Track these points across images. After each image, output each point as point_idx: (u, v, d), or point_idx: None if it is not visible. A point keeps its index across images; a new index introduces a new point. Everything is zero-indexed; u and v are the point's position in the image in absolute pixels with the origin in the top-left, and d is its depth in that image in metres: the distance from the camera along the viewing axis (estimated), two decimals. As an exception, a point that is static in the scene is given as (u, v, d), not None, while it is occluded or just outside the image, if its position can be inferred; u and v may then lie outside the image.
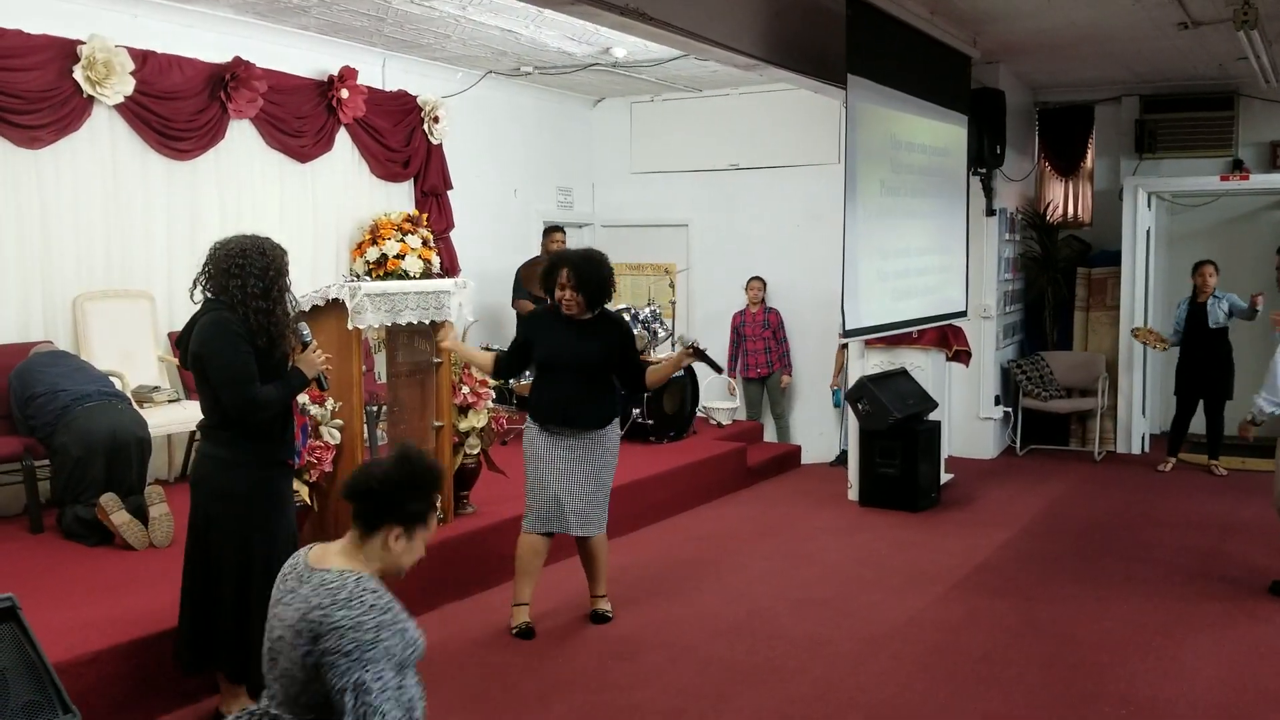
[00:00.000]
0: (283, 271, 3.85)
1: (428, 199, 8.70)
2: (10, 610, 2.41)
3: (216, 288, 3.80)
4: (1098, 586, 5.76)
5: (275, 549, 3.87)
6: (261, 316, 3.74)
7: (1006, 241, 9.67)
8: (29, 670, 2.38)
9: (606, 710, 4.16)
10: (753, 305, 9.58)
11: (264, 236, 3.89)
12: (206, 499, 3.84)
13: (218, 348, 3.70)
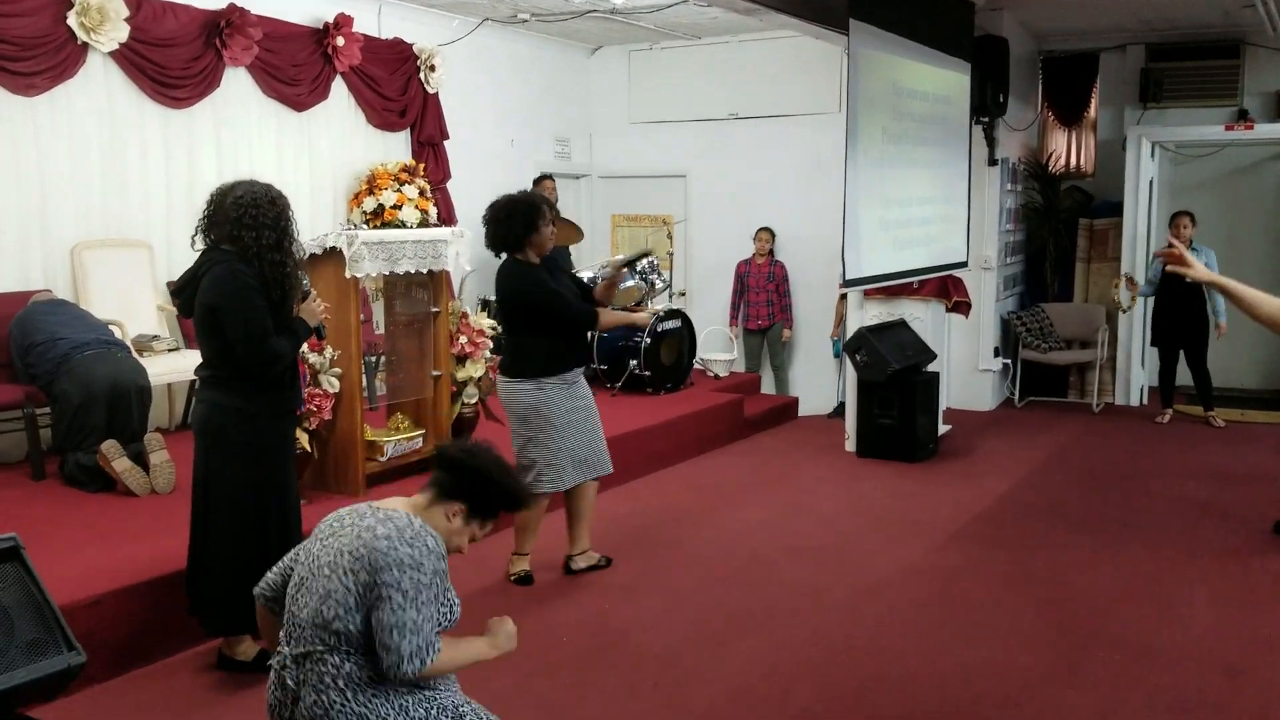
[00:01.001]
0: (291, 221, 3.79)
1: (424, 149, 8.64)
2: (14, 550, 2.42)
3: (223, 236, 3.72)
4: (1094, 536, 5.80)
5: (289, 499, 3.92)
6: (277, 269, 3.70)
7: (1008, 192, 9.62)
8: (33, 609, 2.40)
9: (605, 654, 4.20)
10: (759, 256, 9.55)
11: (266, 183, 3.81)
12: (214, 449, 3.81)
13: (235, 301, 3.64)
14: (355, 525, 2.81)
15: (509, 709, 3.38)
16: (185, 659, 4.13)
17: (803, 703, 3.79)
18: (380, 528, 2.75)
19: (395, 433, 5.68)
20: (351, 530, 2.80)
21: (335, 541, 2.82)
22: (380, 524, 2.77)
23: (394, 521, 2.77)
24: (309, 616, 2.79)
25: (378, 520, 2.78)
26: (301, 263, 3.94)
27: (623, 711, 3.71)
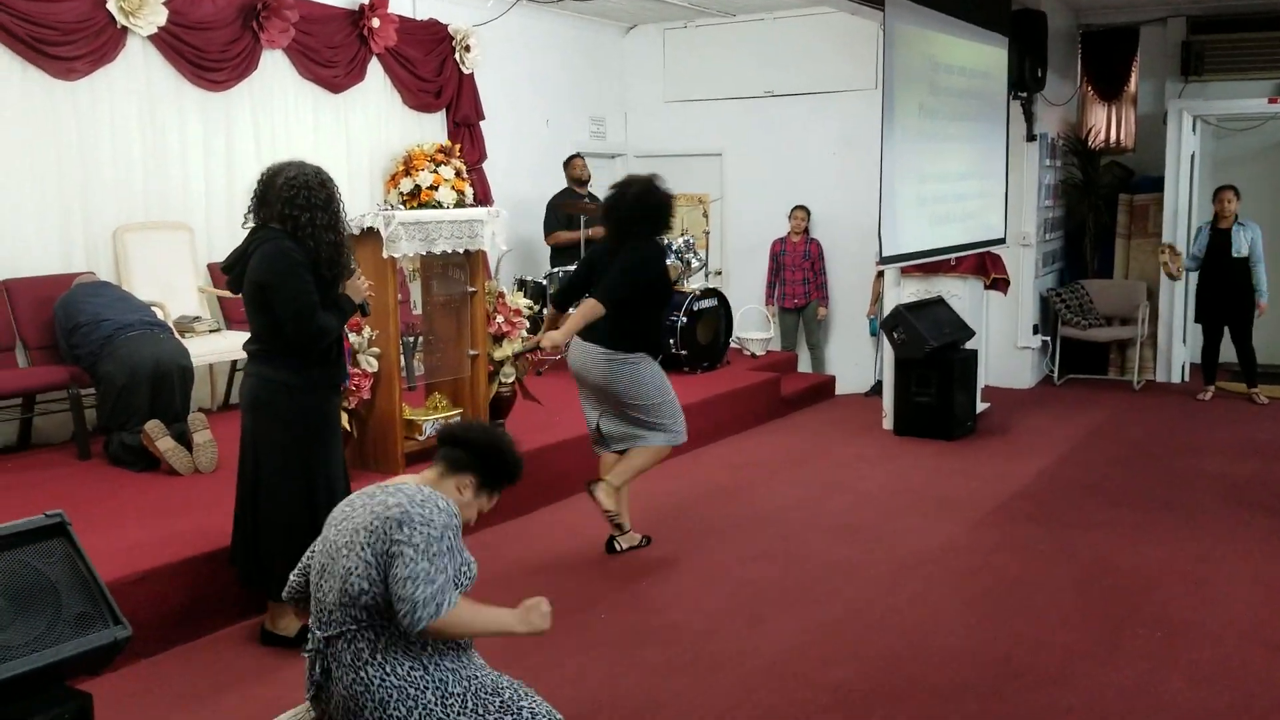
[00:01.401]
0: (340, 202, 3.89)
1: (460, 130, 8.66)
2: (60, 526, 2.47)
3: (272, 215, 3.79)
4: (1135, 513, 5.75)
5: (334, 469, 4.00)
6: (332, 249, 3.80)
7: (1047, 167, 9.52)
8: (80, 584, 2.45)
9: (642, 629, 4.23)
10: (794, 234, 9.51)
11: (316, 165, 3.89)
12: (262, 421, 3.91)
13: (284, 278, 3.72)
14: (366, 504, 2.88)
15: (546, 683, 3.42)
16: (228, 634, 4.20)
17: (839, 678, 3.79)
18: (390, 499, 2.83)
19: (433, 412, 5.72)
20: (364, 510, 2.87)
21: (349, 524, 2.88)
22: (390, 495, 2.85)
23: (403, 491, 2.86)
24: (335, 599, 2.84)
25: (387, 494, 2.87)
26: (349, 242, 4.01)
27: (660, 686, 3.73)
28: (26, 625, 2.33)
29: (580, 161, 8.99)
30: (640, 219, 5.01)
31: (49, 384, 5.58)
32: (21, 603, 2.35)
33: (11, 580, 2.35)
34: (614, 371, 4.92)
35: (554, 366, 8.20)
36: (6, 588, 2.34)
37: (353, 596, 2.80)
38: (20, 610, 2.34)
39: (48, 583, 2.40)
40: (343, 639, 2.84)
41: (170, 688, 3.75)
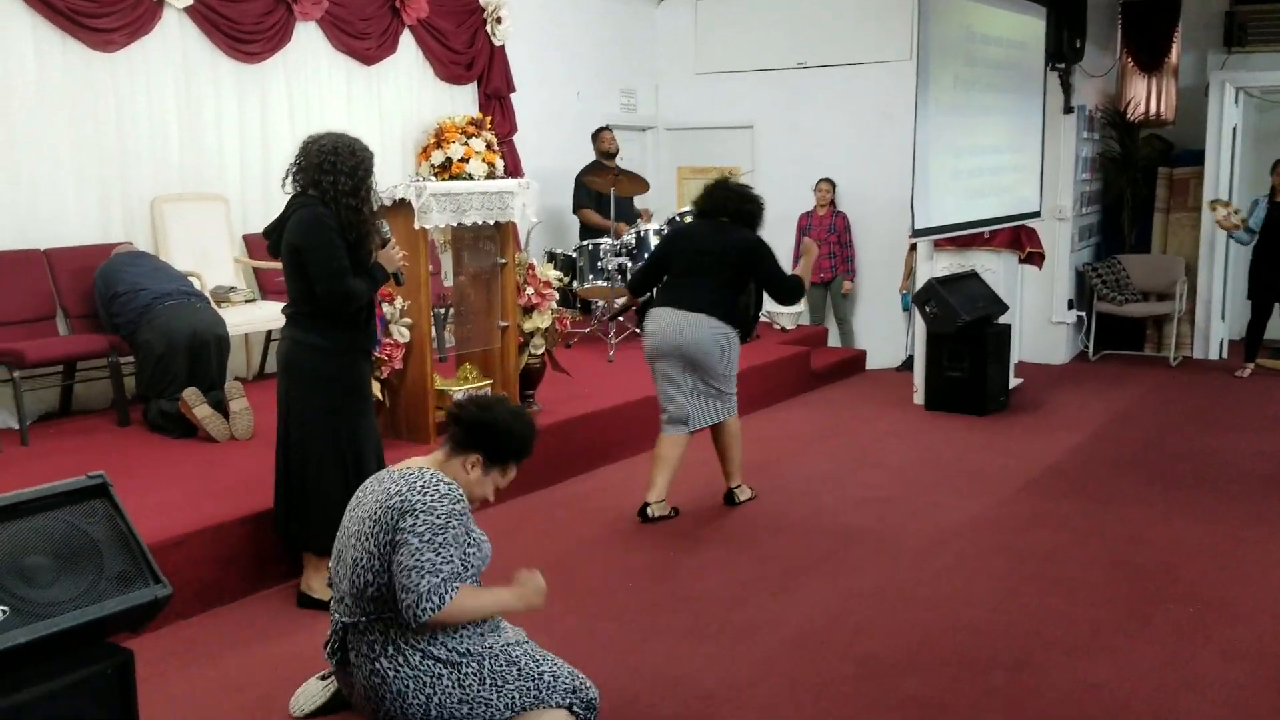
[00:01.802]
0: (370, 172, 3.99)
1: (491, 102, 8.67)
2: (102, 487, 2.52)
3: (308, 181, 3.93)
4: (1168, 490, 5.72)
5: (362, 434, 4.08)
6: (351, 213, 3.91)
7: (1085, 140, 9.41)
8: (121, 543, 2.49)
9: (670, 599, 4.26)
10: (820, 207, 9.46)
11: (354, 137, 4.02)
12: (296, 381, 4.03)
13: (316, 241, 3.85)
14: (375, 492, 2.92)
15: (574, 650, 3.46)
16: (264, 597, 4.28)
17: (866, 649, 3.81)
18: (393, 486, 2.86)
19: (464, 382, 5.76)
20: (370, 498, 2.91)
21: (360, 511, 2.93)
22: (393, 483, 2.88)
23: (405, 478, 2.87)
24: (347, 588, 2.90)
25: (391, 481, 2.90)
26: (380, 211, 4.12)
27: (686, 654, 3.76)
28: (70, 583, 2.38)
29: (608, 134, 8.98)
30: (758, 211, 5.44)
31: (89, 352, 5.67)
32: (65, 561, 2.40)
33: (55, 539, 2.40)
34: (720, 344, 5.17)
35: (582, 340, 8.23)
36: (51, 546, 2.39)
37: (361, 589, 2.85)
38: (64, 568, 2.39)
39: (90, 542, 2.45)
40: (357, 629, 2.90)
41: (207, 647, 3.82)
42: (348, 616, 2.92)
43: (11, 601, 2.27)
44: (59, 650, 2.36)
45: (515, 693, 2.93)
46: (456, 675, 2.89)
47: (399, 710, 2.86)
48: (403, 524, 2.79)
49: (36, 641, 2.28)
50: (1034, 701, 3.42)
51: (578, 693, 3.02)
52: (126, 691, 2.46)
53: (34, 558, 2.35)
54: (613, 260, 8.03)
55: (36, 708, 2.28)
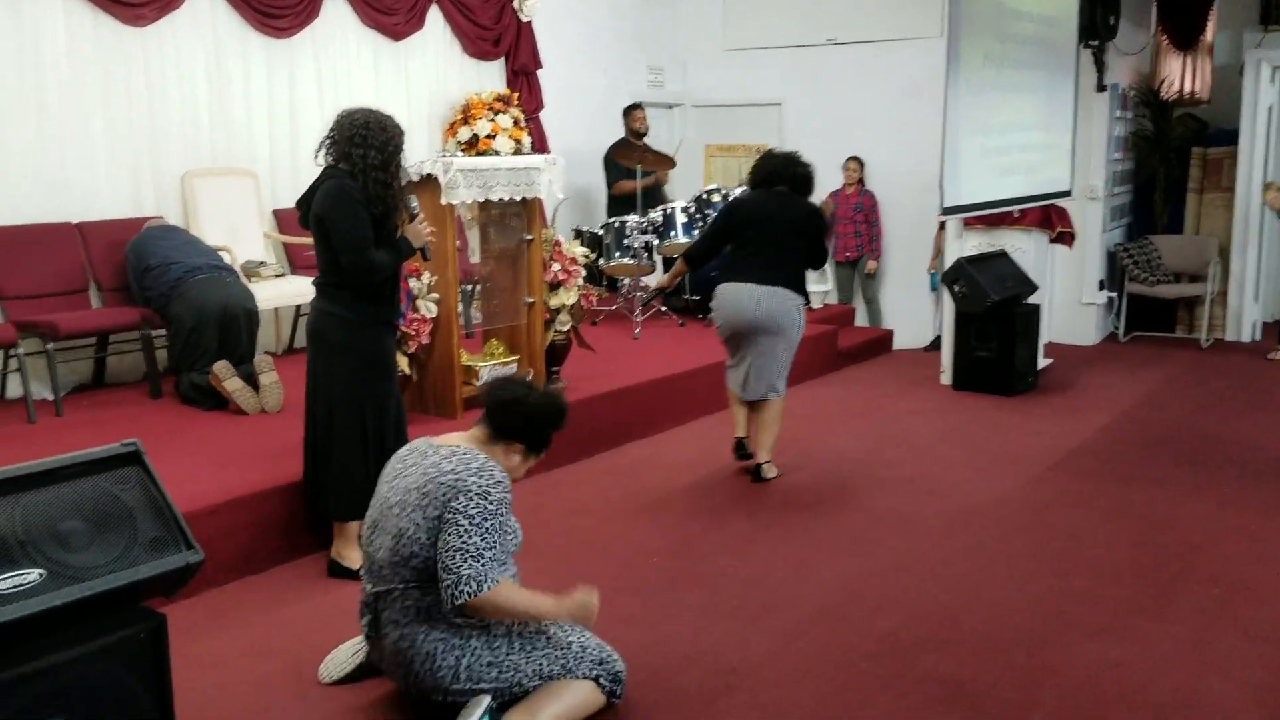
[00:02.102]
0: (399, 148, 4.05)
1: (518, 78, 8.68)
2: (136, 454, 2.57)
3: (339, 154, 4.00)
4: (1196, 471, 5.68)
5: (386, 405, 4.14)
6: (379, 187, 3.96)
7: (1117, 119, 9.31)
8: (154, 509, 2.54)
9: (692, 575, 4.28)
10: (847, 186, 9.40)
11: (386, 113, 4.08)
12: (322, 351, 4.11)
13: (340, 213, 3.92)
14: (419, 464, 2.93)
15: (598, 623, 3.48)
16: (294, 566, 4.34)
17: (887, 626, 3.82)
18: (445, 463, 2.89)
19: (490, 358, 5.80)
20: (416, 469, 2.92)
21: (402, 481, 2.95)
22: (445, 460, 2.90)
23: (459, 456, 2.91)
24: (385, 556, 2.93)
25: (441, 457, 2.91)
26: (408, 186, 4.16)
27: (707, 628, 3.79)
28: (105, 547, 2.43)
29: (640, 113, 8.97)
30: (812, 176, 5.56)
31: (121, 324, 5.75)
32: (99, 526, 2.45)
33: (90, 505, 2.45)
34: (795, 315, 5.37)
35: (609, 318, 8.25)
36: (85, 511, 2.44)
37: (404, 557, 2.88)
38: (98, 533, 2.44)
39: (124, 508, 2.50)
40: (390, 596, 2.94)
41: (239, 614, 3.89)
42: (382, 585, 2.97)
43: (47, 565, 2.32)
44: (93, 613, 2.40)
45: (543, 660, 2.98)
46: (486, 638, 2.94)
47: (428, 673, 2.91)
48: (455, 503, 2.83)
49: (71, 604, 2.33)
50: (1055, 680, 3.43)
51: (604, 664, 3.07)
52: (160, 655, 2.51)
53: (69, 523, 2.40)
54: (639, 238, 8.04)
55: (72, 669, 2.33)
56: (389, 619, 2.97)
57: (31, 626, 2.27)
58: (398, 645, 2.94)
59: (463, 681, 2.92)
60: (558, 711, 2.97)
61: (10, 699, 2.24)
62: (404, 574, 2.91)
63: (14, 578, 2.27)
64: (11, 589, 2.26)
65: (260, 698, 3.27)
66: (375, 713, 3.18)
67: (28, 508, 2.35)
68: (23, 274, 5.69)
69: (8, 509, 2.32)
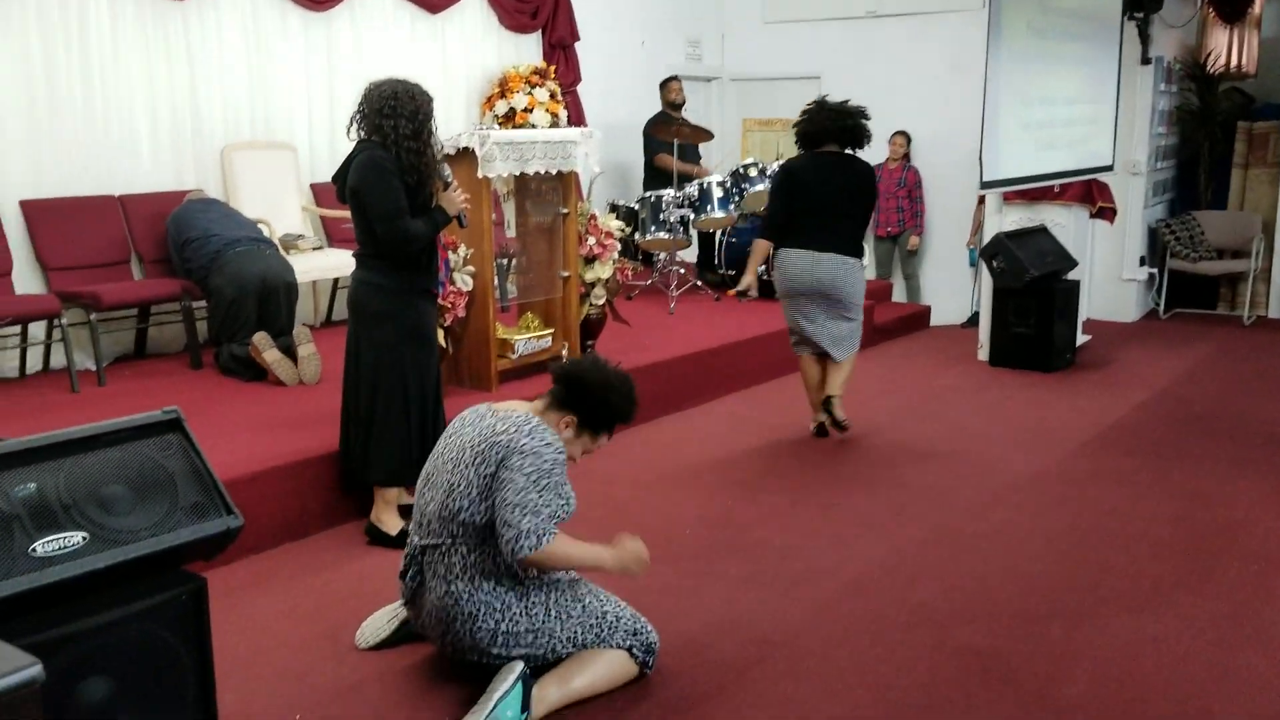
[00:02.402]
0: (430, 116, 4.06)
1: (555, 51, 8.66)
2: (176, 421, 2.60)
3: (370, 127, 4.02)
4: (1235, 447, 5.62)
5: (426, 374, 4.19)
6: (412, 156, 3.98)
7: (1161, 93, 9.16)
8: (195, 475, 2.57)
9: (727, 546, 4.29)
10: (892, 161, 9.32)
11: (414, 82, 4.09)
12: (362, 320, 4.15)
13: (373, 184, 3.95)
14: (476, 424, 2.99)
15: (631, 592, 3.51)
16: (332, 535, 4.39)
17: (922, 597, 3.82)
18: (500, 424, 2.94)
19: (525, 331, 5.82)
20: (472, 428, 2.97)
21: (458, 439, 3.00)
22: (500, 421, 2.95)
23: (513, 418, 2.95)
24: (435, 510, 2.97)
25: (498, 419, 2.97)
26: (440, 154, 4.17)
27: (742, 598, 3.80)
28: (146, 512, 2.46)
29: (677, 85, 8.93)
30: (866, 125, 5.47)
31: (162, 296, 5.82)
32: (141, 491, 2.48)
33: (132, 470, 2.48)
34: (857, 277, 5.49)
35: (644, 292, 8.25)
36: (128, 476, 2.47)
37: (453, 512, 2.92)
38: (140, 498, 2.47)
39: (165, 473, 2.53)
40: (437, 551, 2.98)
41: (279, 580, 3.95)
42: (430, 539, 3.01)
43: (90, 528, 2.35)
44: (136, 576, 2.44)
45: (578, 628, 3.01)
46: (525, 605, 2.97)
47: (467, 633, 2.95)
48: (509, 461, 2.87)
49: (114, 567, 2.36)
50: (1091, 654, 3.41)
51: (638, 635, 3.09)
52: (200, 617, 2.54)
53: (111, 487, 2.44)
54: (675, 212, 8.02)
55: (115, 629, 2.37)
56: (434, 574, 3.00)
57: (74, 588, 2.31)
58: (442, 602, 2.97)
59: (500, 645, 2.95)
60: (590, 680, 2.99)
61: (53, 659, 2.28)
62: (452, 529, 2.96)
63: (58, 540, 2.31)
64: (55, 551, 2.30)
65: (297, 661, 3.33)
66: (411, 677, 3.22)
67: (71, 472, 2.39)
68: (66, 246, 5.77)
69: (51, 473, 2.36)
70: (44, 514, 2.31)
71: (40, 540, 2.28)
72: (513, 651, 2.96)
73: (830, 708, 3.07)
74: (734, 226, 8.46)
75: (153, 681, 2.43)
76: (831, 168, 5.41)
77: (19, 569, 2.22)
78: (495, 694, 2.80)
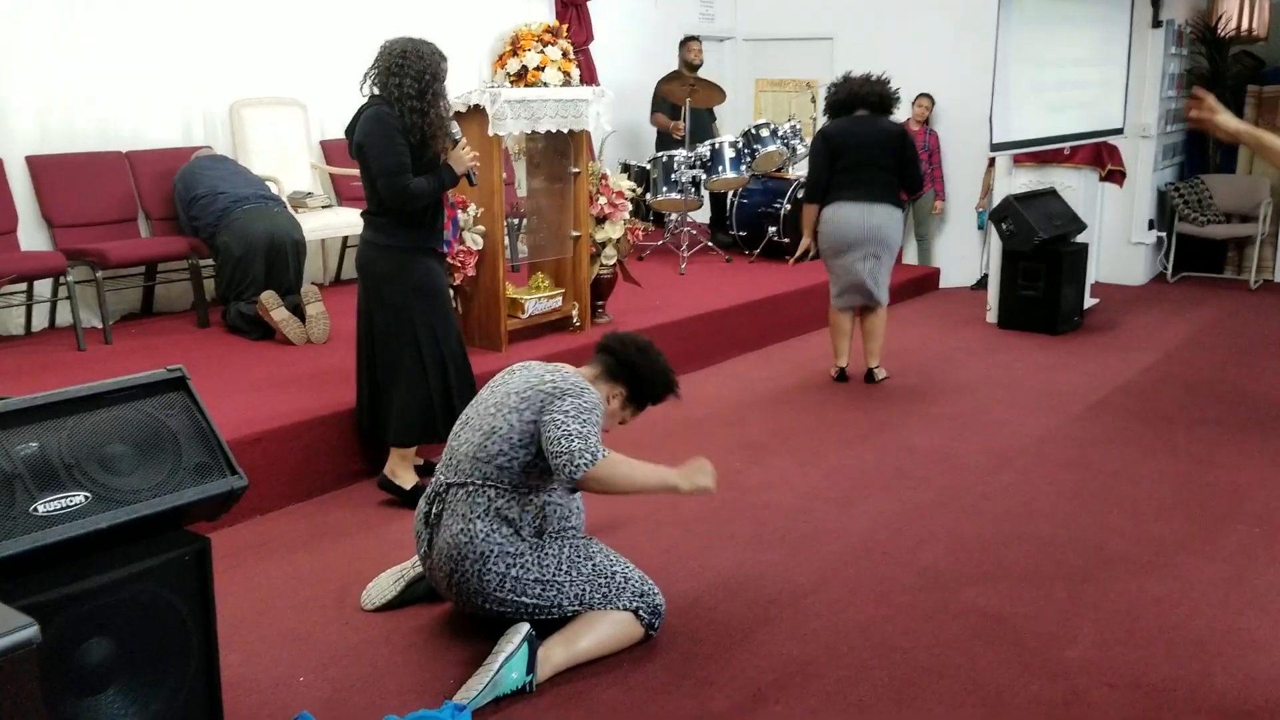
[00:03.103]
0: (438, 76, 4.04)
1: (568, 9, 8.58)
2: (181, 380, 2.59)
3: (379, 84, 4.03)
4: (1241, 411, 5.60)
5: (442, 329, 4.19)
6: (415, 116, 3.98)
7: (1172, 56, 9.05)
8: (199, 435, 2.56)
9: (735, 508, 4.30)
10: (915, 123, 9.20)
11: (427, 41, 4.08)
12: (370, 280, 4.16)
13: (376, 140, 3.95)
14: (524, 374, 3.08)
15: (641, 554, 3.53)
16: (340, 495, 4.41)
17: (929, 559, 3.83)
18: (548, 375, 3.03)
19: (535, 291, 5.81)
20: (519, 378, 3.06)
21: (503, 387, 3.07)
22: (549, 373, 3.04)
23: (562, 373, 3.04)
24: (470, 451, 3.01)
25: (547, 371, 3.06)
26: (448, 113, 4.15)
27: (749, 560, 3.81)
28: (150, 471, 2.45)
29: (696, 45, 8.85)
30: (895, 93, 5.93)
31: (170, 254, 5.81)
32: (145, 450, 2.47)
33: (135, 429, 2.47)
34: (897, 224, 5.84)
35: (655, 252, 8.21)
36: (131, 436, 2.46)
37: (491, 454, 2.96)
38: (144, 457, 2.46)
39: (169, 432, 2.52)
40: (465, 489, 3.00)
41: (284, 541, 3.96)
42: (458, 478, 3.03)
43: (92, 488, 2.34)
44: (139, 536, 2.44)
45: (586, 585, 3.02)
46: (537, 555, 3.00)
47: (476, 574, 2.96)
48: (553, 405, 2.94)
49: (117, 527, 2.35)
50: (1094, 614, 3.42)
51: (645, 598, 3.10)
52: (204, 577, 2.54)
53: (114, 446, 2.42)
54: (686, 173, 7.97)
55: (118, 589, 2.36)
56: (454, 511, 3.01)
57: (76, 548, 2.30)
58: (456, 539, 2.98)
59: (506, 591, 2.97)
60: (595, 641, 3.01)
61: (55, 618, 2.29)
62: (485, 470, 2.98)
63: (60, 499, 2.31)
64: (58, 510, 2.29)
65: (302, 622, 3.35)
66: (416, 639, 3.24)
67: (74, 431, 2.37)
68: (73, 203, 5.76)
69: (54, 432, 2.34)
70: (46, 473, 2.28)
71: (42, 500, 2.26)
72: (519, 598, 2.97)
73: (836, 670, 3.09)
74: (745, 187, 8.41)
75: (155, 642, 2.42)
76: (865, 127, 5.79)
77: (20, 529, 2.20)
78: (501, 655, 2.82)
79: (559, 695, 2.92)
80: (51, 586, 2.27)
